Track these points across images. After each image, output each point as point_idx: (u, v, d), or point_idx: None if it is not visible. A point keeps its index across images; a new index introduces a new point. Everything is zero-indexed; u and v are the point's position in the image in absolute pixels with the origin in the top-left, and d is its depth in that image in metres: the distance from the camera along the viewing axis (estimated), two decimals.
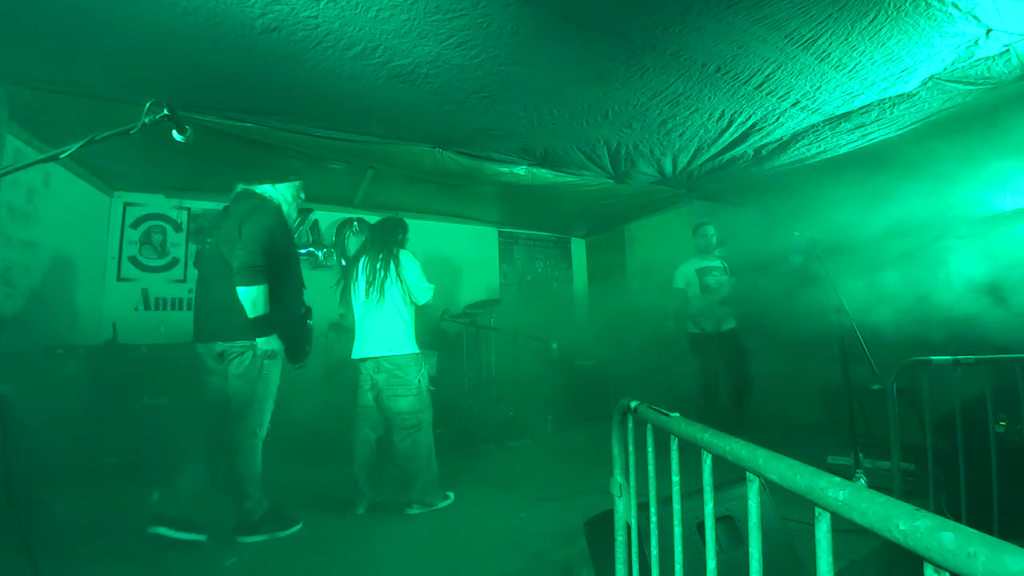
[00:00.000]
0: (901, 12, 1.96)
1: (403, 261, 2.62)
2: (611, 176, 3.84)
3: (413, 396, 2.56)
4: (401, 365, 2.56)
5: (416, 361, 2.60)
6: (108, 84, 2.40)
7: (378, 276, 2.58)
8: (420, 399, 2.58)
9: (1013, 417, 2.01)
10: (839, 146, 3.29)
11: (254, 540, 2.19)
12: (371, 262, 2.63)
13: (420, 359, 2.63)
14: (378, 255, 2.63)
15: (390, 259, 2.61)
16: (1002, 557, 0.43)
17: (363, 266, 2.67)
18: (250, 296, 2.07)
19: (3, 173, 1.22)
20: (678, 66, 2.33)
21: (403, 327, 2.60)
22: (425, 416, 2.60)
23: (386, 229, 2.78)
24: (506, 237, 5.95)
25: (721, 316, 3.64)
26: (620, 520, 1.26)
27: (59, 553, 1.93)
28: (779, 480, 0.71)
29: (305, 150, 3.22)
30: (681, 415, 1.04)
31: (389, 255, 2.62)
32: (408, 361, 2.58)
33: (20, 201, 2.89)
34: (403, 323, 2.60)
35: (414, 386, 2.57)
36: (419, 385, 2.58)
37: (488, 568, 1.97)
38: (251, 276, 2.06)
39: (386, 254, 2.62)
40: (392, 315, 2.58)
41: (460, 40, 2.09)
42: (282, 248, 2.25)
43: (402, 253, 2.66)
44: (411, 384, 2.56)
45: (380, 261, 2.61)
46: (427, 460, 2.57)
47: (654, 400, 1.15)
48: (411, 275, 2.62)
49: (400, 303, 2.60)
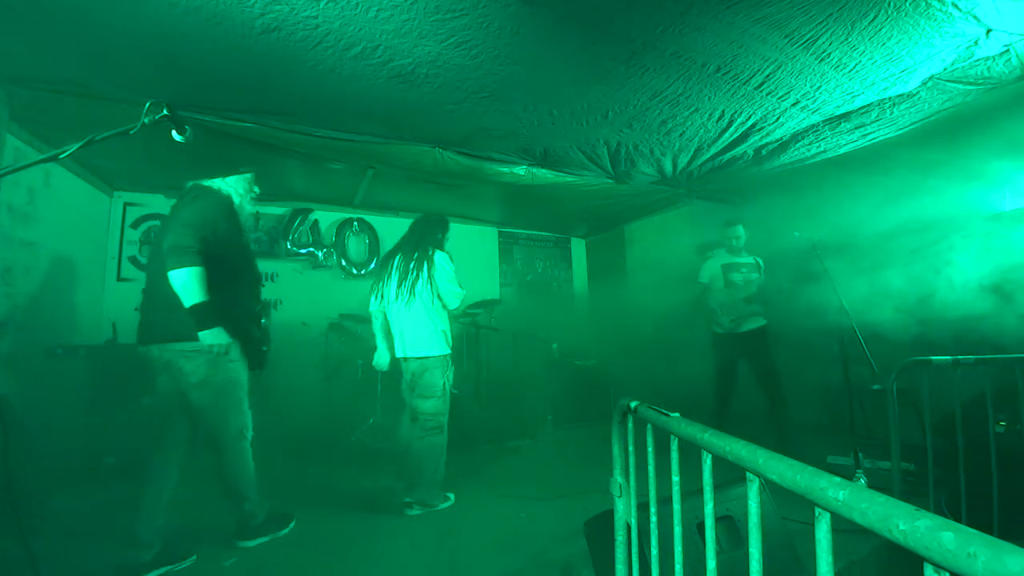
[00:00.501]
0: (901, 12, 1.96)
1: (437, 262, 2.56)
2: (611, 176, 3.84)
3: (438, 398, 2.56)
4: (428, 367, 2.55)
5: (443, 363, 2.58)
6: (108, 84, 2.40)
7: (410, 276, 2.53)
8: (444, 401, 2.58)
9: (1013, 417, 2.01)
10: (839, 146, 3.29)
11: (256, 543, 2.17)
12: (405, 260, 2.58)
13: (447, 361, 2.60)
14: (413, 253, 2.58)
15: (424, 260, 2.55)
16: (1002, 557, 0.43)
17: (397, 263, 2.62)
18: (179, 279, 1.87)
19: (3, 173, 1.22)
20: (678, 66, 2.33)
21: (432, 329, 2.56)
22: (446, 417, 2.60)
23: (426, 227, 2.72)
24: (506, 237, 5.95)
25: (744, 315, 3.47)
26: (620, 520, 1.26)
27: (59, 553, 1.93)
28: (779, 480, 0.71)
29: (305, 150, 3.22)
30: (680, 415, 1.04)
31: (424, 255, 2.56)
32: (435, 363, 2.55)
33: (20, 201, 2.89)
34: (432, 325, 2.56)
35: (439, 388, 2.55)
36: (444, 387, 2.57)
37: (488, 568, 1.97)
38: (179, 257, 1.86)
39: (421, 253, 2.57)
40: (421, 316, 2.54)
41: (460, 40, 2.08)
42: (228, 238, 2.08)
43: (438, 254, 2.59)
44: (436, 386, 2.55)
45: (414, 260, 2.56)
46: (436, 463, 2.57)
47: (655, 400, 1.15)
48: (443, 278, 2.55)
49: (429, 304, 2.55)
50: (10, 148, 2.64)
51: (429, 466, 2.53)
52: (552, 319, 5.56)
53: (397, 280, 2.59)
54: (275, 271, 4.56)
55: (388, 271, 2.68)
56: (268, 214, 4.61)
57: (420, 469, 2.52)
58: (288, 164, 3.55)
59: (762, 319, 3.52)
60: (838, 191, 3.56)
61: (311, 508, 2.62)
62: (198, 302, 1.90)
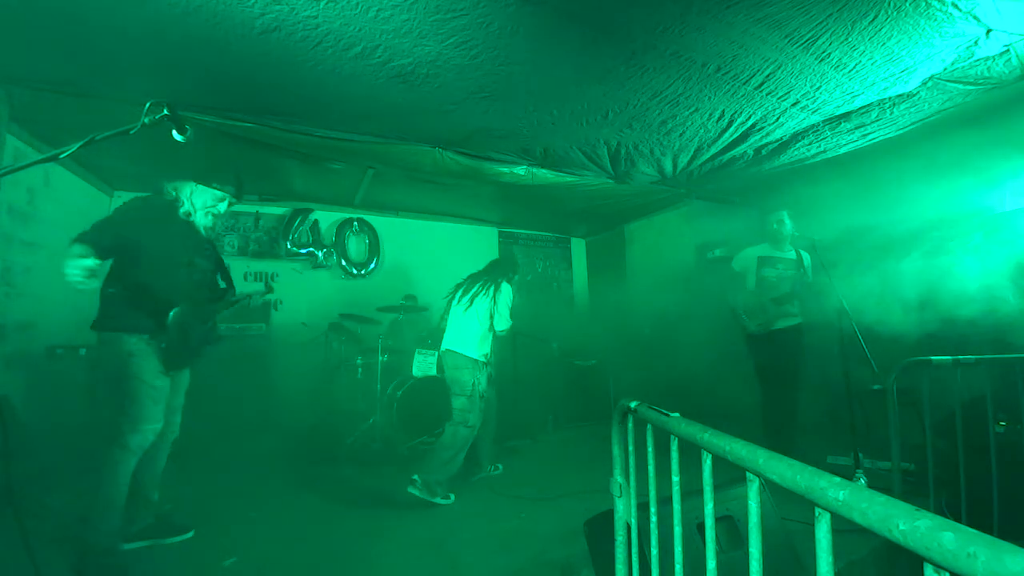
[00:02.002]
0: (901, 12, 1.96)
1: (503, 289, 3.01)
2: (611, 176, 3.84)
3: (466, 397, 2.82)
4: (459, 365, 2.87)
5: (472, 365, 2.87)
6: (108, 84, 2.40)
7: (479, 291, 2.99)
8: (472, 401, 2.81)
9: (1013, 417, 2.01)
10: (839, 146, 3.29)
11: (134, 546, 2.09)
12: (480, 280, 3.07)
13: (477, 365, 2.89)
14: (488, 279, 3.06)
15: (492, 285, 3.01)
16: (1002, 557, 0.43)
17: (472, 280, 3.10)
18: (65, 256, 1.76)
19: (3, 173, 1.22)
20: (678, 66, 2.33)
21: (475, 333, 2.92)
22: (473, 417, 2.80)
23: (503, 265, 3.21)
24: (506, 237, 5.95)
25: (772, 315, 3.17)
26: (620, 520, 1.26)
27: (59, 553, 1.93)
28: (779, 480, 0.71)
29: (305, 150, 3.22)
30: (680, 415, 1.04)
31: (493, 282, 3.03)
32: (465, 363, 2.86)
33: (20, 201, 2.89)
34: (477, 330, 2.92)
35: (468, 387, 2.83)
36: (473, 388, 2.83)
37: (488, 568, 1.97)
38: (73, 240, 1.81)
39: (491, 280, 3.04)
40: (472, 321, 2.94)
41: (460, 40, 2.09)
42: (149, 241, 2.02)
43: (503, 286, 3.02)
44: (466, 385, 2.83)
45: (484, 283, 3.03)
46: (455, 452, 2.71)
47: (655, 400, 1.15)
48: (503, 303, 2.98)
49: (483, 315, 2.94)
50: (10, 148, 2.64)
51: (448, 452, 2.70)
52: (552, 319, 5.56)
53: (462, 293, 3.05)
54: (275, 271, 4.56)
55: (458, 292, 3.10)
56: (268, 214, 4.61)
57: (437, 453, 2.72)
58: (288, 164, 3.55)
59: (796, 318, 3.23)
60: (838, 191, 3.56)
61: (311, 508, 2.62)
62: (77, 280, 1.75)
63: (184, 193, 2.20)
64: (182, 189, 2.20)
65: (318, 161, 3.49)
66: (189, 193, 2.20)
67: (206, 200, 2.24)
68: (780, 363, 3.19)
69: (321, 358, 4.17)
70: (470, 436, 2.80)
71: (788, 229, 3.22)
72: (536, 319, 5.30)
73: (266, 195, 4.44)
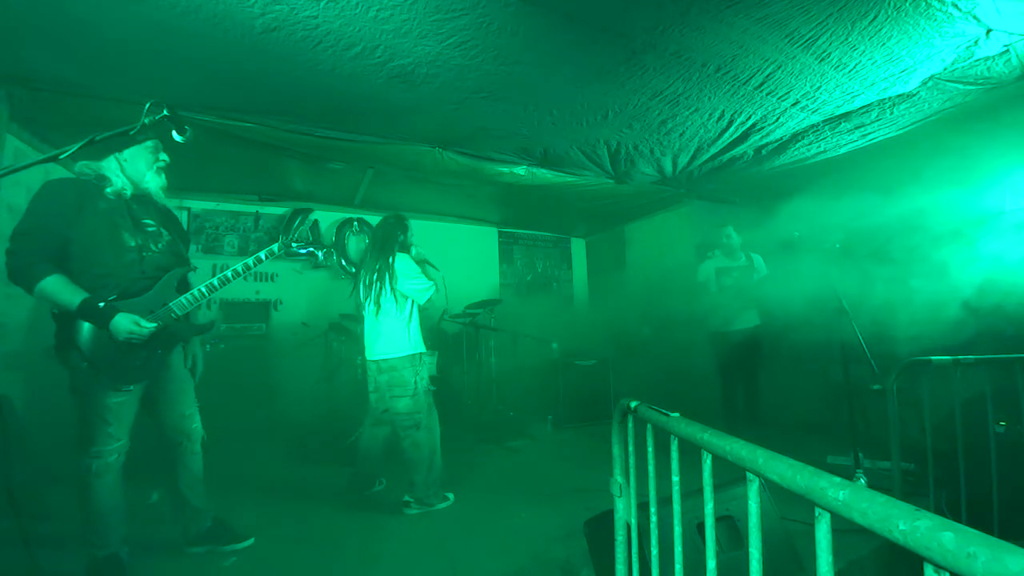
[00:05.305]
0: (901, 12, 1.96)
1: (397, 270, 2.60)
2: (611, 176, 3.84)
3: (410, 397, 2.57)
4: (397, 367, 2.59)
5: (412, 362, 2.60)
6: (108, 84, 2.40)
7: (374, 288, 2.61)
8: (417, 400, 2.58)
9: (1013, 417, 2.01)
10: (839, 146, 3.29)
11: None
12: (367, 273, 2.66)
13: (417, 359, 2.63)
14: (374, 265, 2.64)
15: (385, 271, 2.60)
16: (1002, 557, 0.43)
17: (362, 276, 2.72)
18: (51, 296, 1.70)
19: (3, 173, 1.22)
20: (678, 66, 2.33)
21: (398, 331, 2.62)
22: (424, 416, 2.59)
23: (384, 232, 2.73)
24: (506, 237, 5.95)
25: (731, 314, 3.57)
26: (620, 520, 1.26)
27: (59, 553, 1.93)
28: (779, 480, 0.71)
29: (305, 150, 3.22)
30: (680, 415, 1.04)
31: (385, 266, 2.61)
32: (403, 363, 2.59)
33: (20, 201, 2.88)
34: (398, 327, 2.62)
35: (411, 387, 2.58)
36: (416, 386, 2.59)
37: (488, 568, 1.97)
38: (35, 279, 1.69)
39: (382, 264, 2.62)
40: (387, 322, 2.62)
41: (460, 40, 2.08)
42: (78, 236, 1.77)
43: (397, 259, 2.62)
44: (408, 385, 2.57)
45: (376, 272, 2.61)
46: (428, 460, 2.57)
47: (655, 400, 1.15)
48: (405, 282, 2.60)
49: (395, 311, 2.61)
50: (10, 148, 2.64)
51: (420, 465, 2.55)
52: (552, 319, 5.56)
53: (363, 292, 2.68)
54: (275, 271, 4.56)
55: (358, 281, 2.76)
56: (268, 214, 4.61)
57: (410, 468, 2.57)
58: (288, 164, 3.55)
59: (755, 319, 3.58)
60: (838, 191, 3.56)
61: (311, 508, 2.62)
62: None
63: (110, 169, 1.83)
64: (105, 167, 1.83)
65: (318, 161, 3.49)
66: (118, 167, 1.84)
67: (147, 160, 1.88)
68: (735, 360, 3.59)
69: (321, 358, 4.17)
70: (432, 435, 2.62)
71: (736, 241, 3.67)
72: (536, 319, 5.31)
73: (266, 195, 4.44)
